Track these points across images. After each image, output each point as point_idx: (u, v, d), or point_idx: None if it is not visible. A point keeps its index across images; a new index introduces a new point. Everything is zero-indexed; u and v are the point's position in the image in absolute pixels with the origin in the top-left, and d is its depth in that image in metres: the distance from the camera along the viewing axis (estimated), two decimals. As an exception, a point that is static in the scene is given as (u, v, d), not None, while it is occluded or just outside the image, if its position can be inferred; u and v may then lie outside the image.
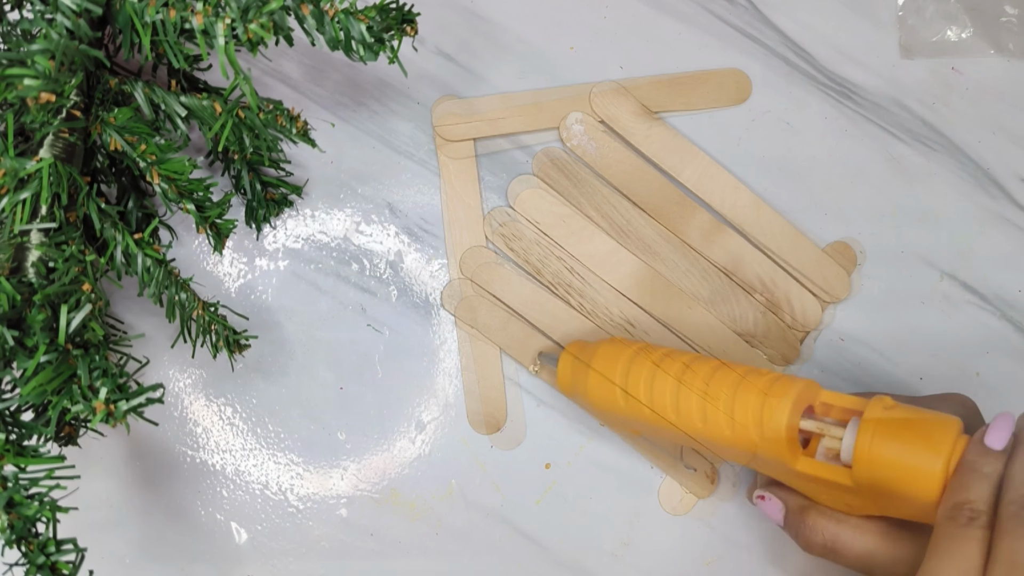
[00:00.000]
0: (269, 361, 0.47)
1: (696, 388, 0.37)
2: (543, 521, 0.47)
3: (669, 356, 0.39)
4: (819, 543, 0.37)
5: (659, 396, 0.38)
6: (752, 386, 0.36)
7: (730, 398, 0.36)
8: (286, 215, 0.47)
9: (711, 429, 0.37)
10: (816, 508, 0.38)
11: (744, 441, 0.36)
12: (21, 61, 0.32)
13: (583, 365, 0.41)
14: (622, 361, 0.40)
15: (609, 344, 0.41)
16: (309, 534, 0.46)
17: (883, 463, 0.33)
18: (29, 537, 0.33)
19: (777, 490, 0.39)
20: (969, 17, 0.48)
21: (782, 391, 0.35)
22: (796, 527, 0.38)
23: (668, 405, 0.38)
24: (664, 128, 0.47)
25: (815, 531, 0.37)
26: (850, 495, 0.35)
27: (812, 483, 0.36)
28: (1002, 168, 0.48)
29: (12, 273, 0.36)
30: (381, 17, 0.36)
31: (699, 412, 0.37)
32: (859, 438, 0.33)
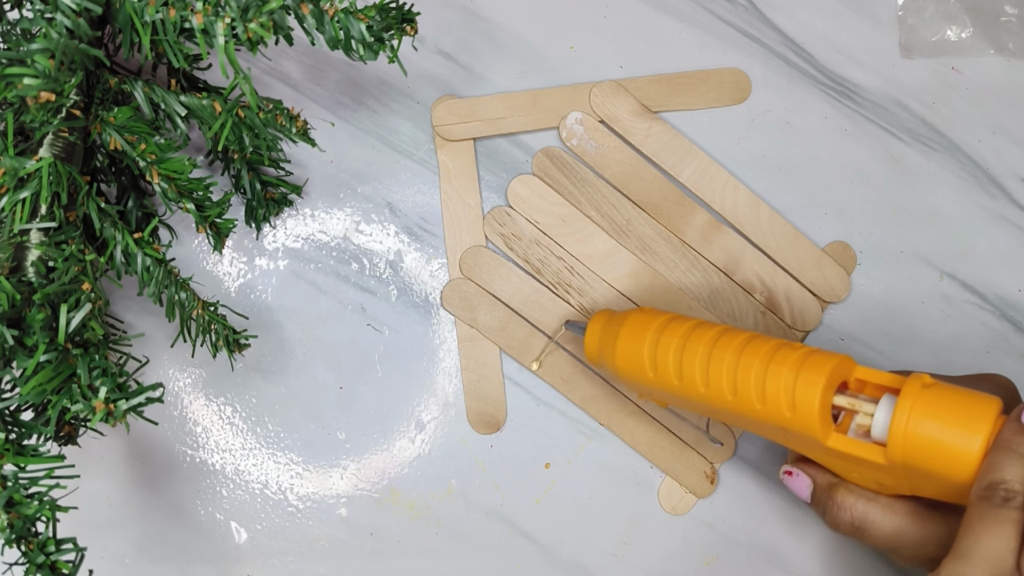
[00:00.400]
0: (269, 361, 0.47)
1: (727, 361, 0.36)
2: (543, 521, 0.47)
3: (700, 327, 0.38)
4: (847, 521, 0.37)
5: (688, 367, 0.37)
6: (785, 360, 0.35)
7: (762, 372, 0.35)
8: (286, 215, 0.47)
9: (741, 402, 0.36)
10: (845, 486, 0.37)
11: (775, 416, 0.35)
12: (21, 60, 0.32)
13: (611, 334, 0.40)
14: (651, 331, 0.39)
15: (639, 313, 0.40)
16: (309, 533, 0.46)
17: (919, 441, 0.32)
18: (29, 536, 0.33)
19: (805, 466, 0.39)
20: (969, 17, 0.48)
21: (816, 366, 0.35)
22: (823, 504, 0.38)
23: (697, 377, 0.37)
24: (664, 127, 0.47)
25: (843, 509, 0.37)
26: (882, 473, 0.35)
27: (843, 460, 0.36)
28: (1002, 168, 0.48)
29: (12, 272, 0.36)
30: (381, 16, 0.36)
31: (729, 385, 0.36)
32: (895, 415, 0.33)
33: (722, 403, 0.37)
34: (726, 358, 0.36)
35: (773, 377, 0.35)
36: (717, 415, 0.38)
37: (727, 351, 0.36)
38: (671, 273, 0.47)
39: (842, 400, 0.35)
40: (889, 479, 0.35)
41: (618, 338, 0.40)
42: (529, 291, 0.47)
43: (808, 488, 0.39)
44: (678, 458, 0.47)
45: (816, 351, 0.35)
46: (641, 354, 0.39)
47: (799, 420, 0.35)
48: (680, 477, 0.47)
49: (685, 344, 0.38)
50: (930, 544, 0.35)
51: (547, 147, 0.47)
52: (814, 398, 0.34)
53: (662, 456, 0.47)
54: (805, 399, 0.34)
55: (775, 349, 0.36)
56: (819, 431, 0.34)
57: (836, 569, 0.47)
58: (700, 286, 0.47)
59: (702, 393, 0.37)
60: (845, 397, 0.35)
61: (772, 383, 0.35)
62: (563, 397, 0.47)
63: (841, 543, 0.47)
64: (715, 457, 0.47)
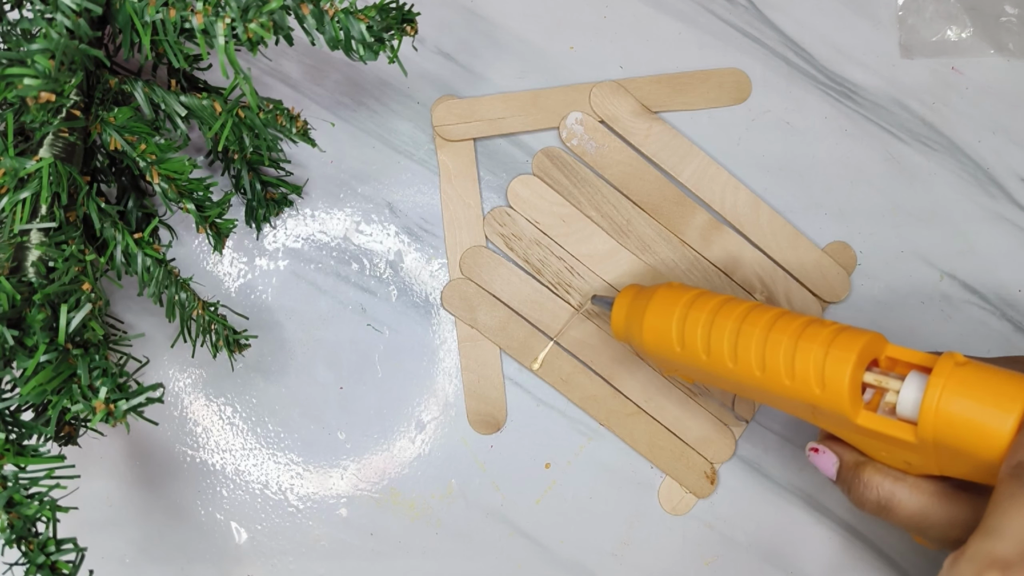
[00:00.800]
0: (269, 361, 0.47)
1: (756, 336, 0.36)
2: (543, 521, 0.47)
3: (729, 303, 0.38)
4: (873, 500, 0.36)
5: (716, 343, 0.37)
6: (815, 336, 0.35)
7: (791, 348, 0.35)
8: (286, 215, 0.47)
9: (769, 378, 0.36)
10: (872, 464, 0.37)
11: (804, 392, 0.35)
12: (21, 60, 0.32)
13: (639, 308, 0.40)
14: (680, 306, 0.39)
15: (667, 288, 0.40)
16: (309, 534, 0.46)
17: (951, 419, 0.32)
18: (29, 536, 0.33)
19: (832, 444, 0.38)
20: (969, 17, 0.48)
21: (847, 343, 0.34)
22: (849, 482, 0.37)
23: (725, 352, 0.37)
24: (664, 127, 0.47)
25: (870, 487, 0.36)
26: (911, 452, 0.34)
27: (872, 439, 0.35)
28: (1002, 168, 0.48)
29: (12, 272, 0.36)
30: (381, 17, 0.36)
31: (758, 361, 0.36)
32: (927, 392, 0.32)
33: (750, 379, 0.36)
34: (755, 333, 0.36)
35: (803, 353, 0.35)
36: (744, 391, 0.38)
37: (756, 326, 0.36)
38: (671, 273, 0.47)
39: (872, 378, 0.35)
40: (918, 458, 0.34)
41: (646, 312, 0.40)
42: (529, 291, 0.47)
43: (834, 466, 0.38)
44: (678, 458, 0.47)
45: (847, 328, 0.35)
46: (669, 329, 0.39)
47: (828, 397, 0.34)
48: (680, 477, 0.47)
49: (714, 319, 0.37)
50: (956, 526, 0.35)
51: (547, 147, 0.47)
52: (844, 375, 0.34)
53: (662, 456, 0.47)
54: (835, 376, 0.34)
55: (805, 325, 0.35)
56: (848, 408, 0.34)
57: (836, 569, 0.47)
58: (700, 286, 0.47)
59: (730, 369, 0.37)
60: (875, 375, 0.35)
61: (801, 359, 0.35)
62: (563, 397, 0.47)
63: (841, 543, 0.47)
64: (715, 457, 0.47)
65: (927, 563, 0.47)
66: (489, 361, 0.47)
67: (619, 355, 0.47)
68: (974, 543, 0.31)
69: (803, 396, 0.35)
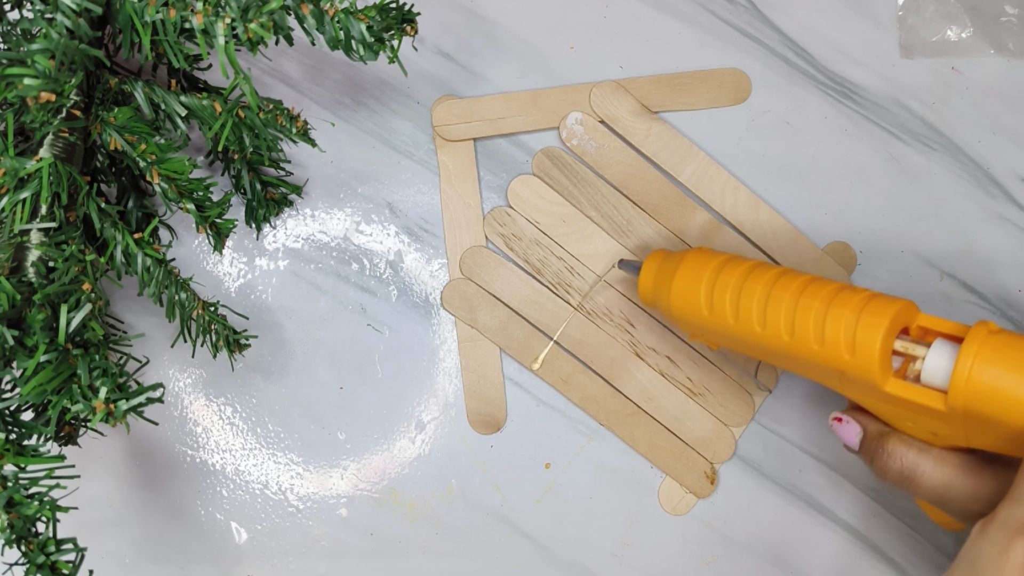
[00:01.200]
0: (269, 361, 0.47)
1: (786, 300, 0.36)
2: (543, 521, 0.47)
3: (759, 267, 0.38)
4: (896, 470, 0.36)
5: (745, 307, 0.37)
6: (847, 302, 0.35)
7: (822, 313, 0.35)
8: (286, 215, 0.47)
9: (798, 344, 0.35)
10: (897, 435, 0.36)
11: (832, 358, 0.35)
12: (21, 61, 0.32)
13: (667, 272, 0.40)
14: (709, 270, 0.38)
15: (696, 253, 0.40)
16: (309, 534, 0.46)
17: (982, 388, 0.32)
18: (29, 536, 0.33)
19: (856, 413, 0.38)
20: (969, 17, 0.48)
21: (879, 309, 0.34)
22: (873, 452, 0.37)
23: (754, 316, 0.37)
24: (664, 127, 0.47)
25: (893, 458, 0.36)
26: (939, 422, 0.34)
27: (899, 408, 0.35)
28: (1002, 168, 0.48)
29: (12, 273, 0.36)
30: (381, 17, 0.36)
31: (787, 325, 0.36)
32: (959, 360, 0.32)
33: (778, 344, 0.36)
34: (785, 298, 0.36)
35: (833, 318, 0.34)
36: (770, 357, 0.38)
37: (787, 291, 0.36)
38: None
39: (903, 345, 0.34)
40: (945, 428, 0.34)
41: (675, 276, 0.39)
42: (529, 291, 0.47)
43: (857, 435, 0.38)
44: (678, 458, 0.47)
45: (879, 295, 0.35)
46: (698, 292, 0.38)
47: (858, 363, 0.34)
48: (680, 477, 0.47)
49: (743, 283, 0.37)
50: (979, 499, 0.35)
51: (547, 147, 0.47)
52: (875, 341, 0.33)
53: (662, 456, 0.47)
54: (866, 342, 0.34)
55: (837, 291, 0.35)
56: (878, 375, 0.34)
57: (836, 569, 0.47)
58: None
59: (758, 333, 0.37)
60: (906, 342, 0.34)
61: (832, 324, 0.34)
62: (563, 397, 0.47)
63: (841, 543, 0.47)
64: (715, 457, 0.47)
65: (927, 562, 0.47)
66: (489, 361, 0.47)
67: (619, 355, 0.47)
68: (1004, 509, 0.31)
69: (832, 362, 0.35)
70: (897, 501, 0.47)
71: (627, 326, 0.47)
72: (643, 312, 0.47)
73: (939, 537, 0.47)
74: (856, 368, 0.34)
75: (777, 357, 0.37)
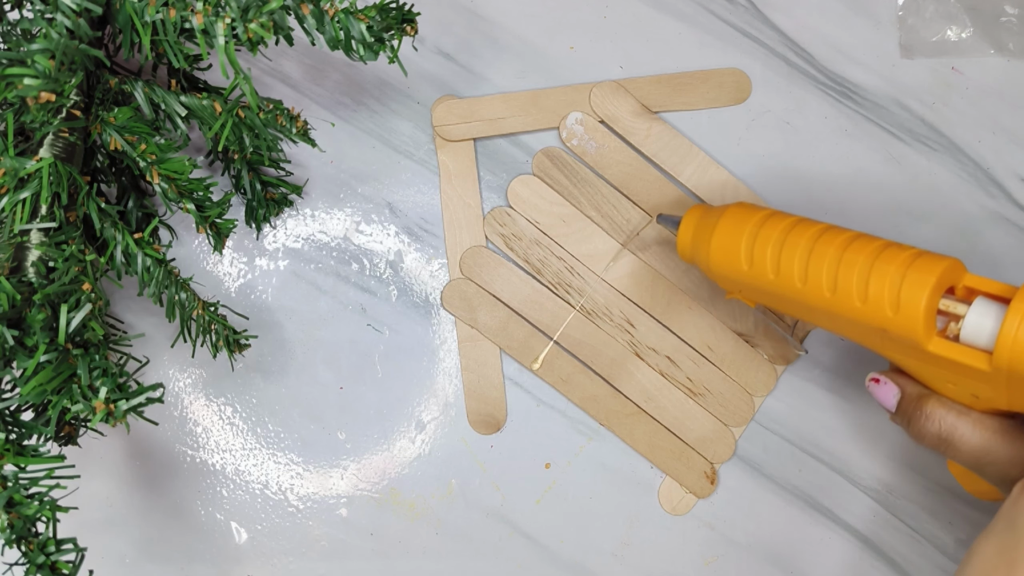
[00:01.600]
0: (269, 361, 0.47)
1: (829, 256, 0.35)
2: (543, 521, 0.47)
3: (802, 223, 0.37)
4: (934, 433, 0.36)
5: (787, 262, 0.36)
6: (893, 258, 0.34)
7: (866, 269, 0.34)
8: (286, 215, 0.47)
9: (841, 300, 0.35)
10: (936, 397, 0.36)
11: (875, 316, 0.34)
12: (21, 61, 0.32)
13: (707, 226, 0.39)
14: (750, 224, 0.38)
15: (738, 207, 0.39)
16: (309, 534, 0.46)
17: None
18: (29, 536, 0.33)
19: (893, 375, 0.38)
20: (969, 17, 0.48)
21: (926, 266, 0.33)
22: (910, 414, 0.37)
23: (795, 272, 0.36)
24: (664, 127, 0.47)
25: (932, 420, 0.36)
26: (981, 383, 0.34)
27: (941, 369, 0.35)
28: (1002, 168, 0.48)
29: (12, 273, 0.36)
30: (381, 17, 0.36)
31: (829, 281, 0.35)
32: (1007, 319, 0.32)
33: (819, 300, 0.35)
34: (829, 253, 0.35)
35: (878, 275, 0.34)
36: (810, 314, 0.37)
37: (831, 246, 0.35)
38: (671, 273, 0.47)
39: (948, 304, 0.34)
40: (988, 390, 0.34)
41: (715, 229, 0.39)
42: (529, 291, 0.47)
43: (895, 397, 0.37)
44: (678, 458, 0.47)
45: (926, 252, 0.34)
46: (738, 246, 0.38)
47: (902, 321, 0.33)
48: (680, 477, 0.47)
49: (786, 238, 0.37)
50: (1018, 464, 0.34)
51: (547, 147, 0.47)
52: (920, 299, 0.33)
53: (662, 456, 0.47)
54: (911, 299, 0.33)
55: (882, 248, 0.35)
56: (922, 334, 0.33)
57: (836, 570, 0.47)
58: (700, 286, 0.47)
59: (798, 289, 0.36)
60: (951, 301, 0.34)
61: (876, 281, 0.34)
62: (563, 397, 0.47)
63: (841, 543, 0.47)
64: (715, 457, 0.47)
65: (927, 563, 0.47)
66: (489, 361, 0.47)
67: (619, 355, 0.47)
68: None
69: (874, 320, 0.34)
70: (897, 501, 0.47)
71: (627, 326, 0.47)
72: (643, 312, 0.47)
73: (940, 537, 0.47)
74: (899, 326, 0.34)
75: (817, 314, 0.37)
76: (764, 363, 0.47)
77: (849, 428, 0.47)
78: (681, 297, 0.47)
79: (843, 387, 0.47)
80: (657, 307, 0.47)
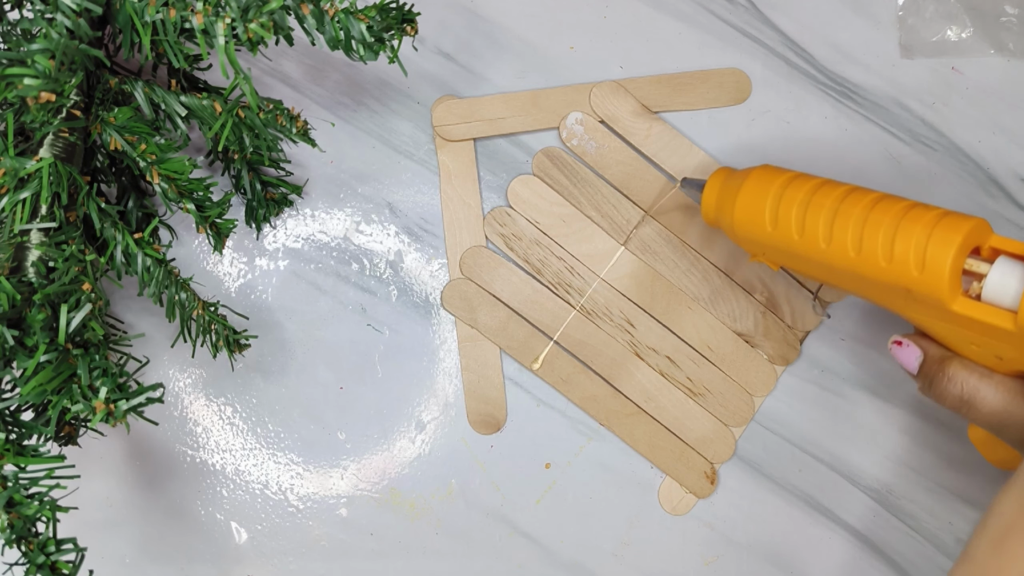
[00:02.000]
0: (269, 361, 0.47)
1: (855, 216, 0.35)
2: (543, 521, 0.47)
3: (827, 184, 0.37)
4: (955, 395, 0.36)
5: (812, 222, 0.36)
6: (919, 218, 0.34)
7: (892, 228, 0.34)
8: (286, 215, 0.47)
9: (865, 260, 0.35)
10: (959, 359, 0.36)
11: (901, 275, 0.34)
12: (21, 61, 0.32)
13: (732, 187, 0.40)
14: (775, 185, 0.38)
15: (762, 170, 0.39)
16: (309, 534, 0.46)
17: None
18: (29, 536, 0.33)
19: (916, 338, 0.38)
20: (969, 17, 0.48)
21: (953, 225, 0.33)
22: (932, 376, 0.37)
23: (820, 232, 0.36)
24: (664, 127, 0.47)
25: (954, 382, 0.36)
26: (1005, 344, 0.34)
27: (965, 329, 0.35)
28: (1002, 168, 0.48)
29: (12, 273, 0.36)
30: (381, 17, 0.36)
31: (854, 241, 0.35)
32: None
33: (843, 261, 0.36)
34: (854, 213, 0.35)
35: (904, 234, 0.34)
36: (834, 276, 0.37)
37: (856, 206, 0.35)
38: (671, 273, 0.47)
39: (973, 264, 0.34)
40: (1012, 351, 0.34)
41: (740, 191, 0.39)
42: (529, 291, 0.47)
43: (917, 359, 0.38)
44: (678, 458, 0.47)
45: (952, 212, 0.34)
46: (763, 208, 0.38)
47: (927, 280, 0.33)
48: (680, 477, 0.47)
49: (811, 199, 0.37)
50: None
51: (547, 147, 0.47)
52: (947, 257, 0.33)
53: (662, 456, 0.47)
54: (937, 258, 0.33)
55: (908, 208, 0.35)
56: (947, 293, 0.33)
57: (836, 569, 0.47)
58: (700, 286, 0.47)
59: (823, 249, 0.36)
60: (976, 261, 0.34)
61: (902, 240, 0.34)
62: (563, 397, 0.47)
63: (841, 543, 0.47)
64: (715, 457, 0.47)
65: (927, 563, 0.47)
66: (489, 361, 0.47)
67: (619, 355, 0.47)
68: None
69: (899, 279, 0.34)
70: (897, 501, 0.47)
71: (627, 326, 0.47)
72: (643, 312, 0.47)
73: (940, 537, 0.47)
74: (925, 285, 0.34)
75: (842, 275, 0.37)
76: (764, 363, 0.47)
77: (849, 428, 0.47)
78: (681, 297, 0.47)
79: (843, 387, 0.47)
80: (657, 307, 0.47)
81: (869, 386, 0.47)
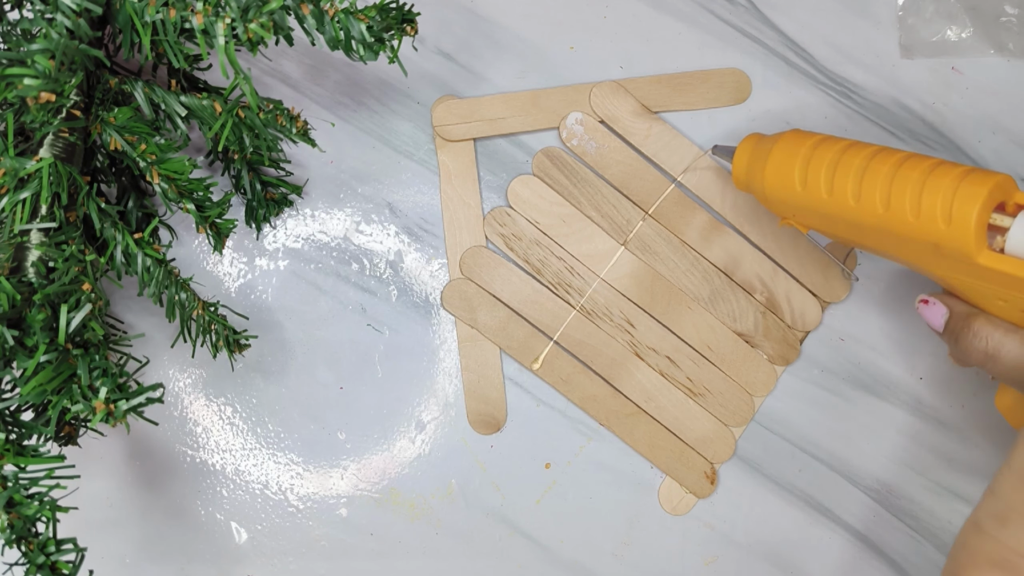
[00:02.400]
0: (269, 361, 0.47)
1: (883, 173, 0.36)
2: (543, 521, 0.47)
3: (856, 145, 0.38)
4: (980, 349, 0.37)
5: (841, 181, 0.37)
6: (946, 174, 0.35)
7: (919, 184, 0.35)
8: (286, 215, 0.47)
9: (894, 216, 0.36)
10: (984, 315, 0.37)
11: (928, 230, 0.35)
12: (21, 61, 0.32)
13: (763, 151, 0.41)
14: (805, 147, 0.39)
15: (792, 133, 0.40)
16: (309, 534, 0.46)
17: None
18: (29, 537, 0.33)
19: (942, 296, 0.39)
20: (969, 17, 0.48)
21: (978, 180, 0.34)
22: (958, 333, 0.38)
23: (849, 190, 0.37)
24: (664, 127, 0.47)
25: (979, 337, 0.37)
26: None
27: (991, 283, 0.36)
28: (1002, 168, 0.48)
29: (12, 273, 0.36)
30: (381, 17, 0.36)
31: (883, 198, 0.36)
32: None
33: (872, 218, 0.37)
34: (883, 171, 0.36)
35: (931, 189, 0.35)
36: (862, 234, 0.38)
37: (884, 164, 0.36)
38: (671, 273, 0.47)
39: (999, 218, 0.35)
40: None
41: (770, 155, 0.40)
42: (529, 291, 0.47)
43: (943, 317, 0.39)
44: (678, 458, 0.47)
45: (977, 168, 0.35)
46: (792, 169, 0.39)
47: (953, 233, 0.35)
48: (680, 477, 0.47)
49: (840, 158, 0.38)
50: None
51: (547, 147, 0.47)
52: (973, 210, 0.34)
53: (662, 456, 0.47)
54: (963, 211, 0.34)
55: (935, 165, 0.36)
56: (973, 246, 0.34)
57: (836, 569, 0.47)
58: (700, 286, 0.47)
59: (852, 208, 0.37)
60: (1001, 215, 0.35)
61: (929, 195, 0.35)
62: (563, 397, 0.47)
63: (841, 543, 0.47)
64: (715, 457, 0.47)
65: (927, 563, 0.47)
66: (489, 361, 0.47)
67: (619, 355, 0.47)
68: None
69: (926, 234, 0.35)
70: (897, 501, 0.47)
71: (627, 326, 0.47)
72: (643, 312, 0.47)
73: (940, 537, 0.47)
74: (951, 239, 0.35)
75: (870, 233, 0.38)
76: (764, 363, 0.47)
77: (849, 428, 0.47)
78: (681, 297, 0.47)
79: (843, 387, 0.47)
80: (657, 307, 0.47)
81: (869, 386, 0.47)
